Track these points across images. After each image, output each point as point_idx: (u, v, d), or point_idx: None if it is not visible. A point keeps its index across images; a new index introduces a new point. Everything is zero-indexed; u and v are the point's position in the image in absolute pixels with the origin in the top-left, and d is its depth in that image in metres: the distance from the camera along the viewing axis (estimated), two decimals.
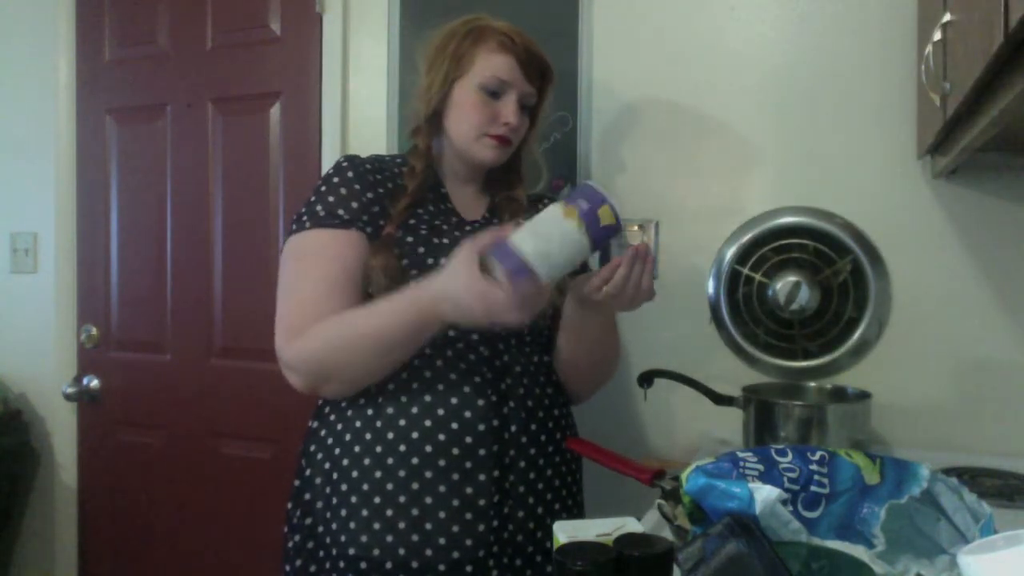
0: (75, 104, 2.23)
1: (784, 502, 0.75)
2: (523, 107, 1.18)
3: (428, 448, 1.06)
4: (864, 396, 1.34)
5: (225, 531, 2.04)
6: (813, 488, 0.77)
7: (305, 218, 1.12)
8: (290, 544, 1.15)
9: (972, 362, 1.48)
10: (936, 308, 1.49)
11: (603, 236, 0.93)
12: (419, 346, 1.05)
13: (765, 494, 0.72)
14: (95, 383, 2.21)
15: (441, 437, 1.06)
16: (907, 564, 0.75)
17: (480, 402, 1.09)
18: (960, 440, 1.46)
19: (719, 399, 1.41)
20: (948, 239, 1.49)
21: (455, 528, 1.05)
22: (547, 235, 0.91)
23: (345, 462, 1.09)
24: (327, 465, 1.11)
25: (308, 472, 1.14)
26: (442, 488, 1.05)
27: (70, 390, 2.18)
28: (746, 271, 1.36)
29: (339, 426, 1.12)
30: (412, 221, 1.13)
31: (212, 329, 2.06)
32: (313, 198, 1.13)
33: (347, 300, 1.07)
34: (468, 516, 1.06)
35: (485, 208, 1.25)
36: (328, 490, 1.10)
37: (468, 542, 1.05)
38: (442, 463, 1.06)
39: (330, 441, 1.12)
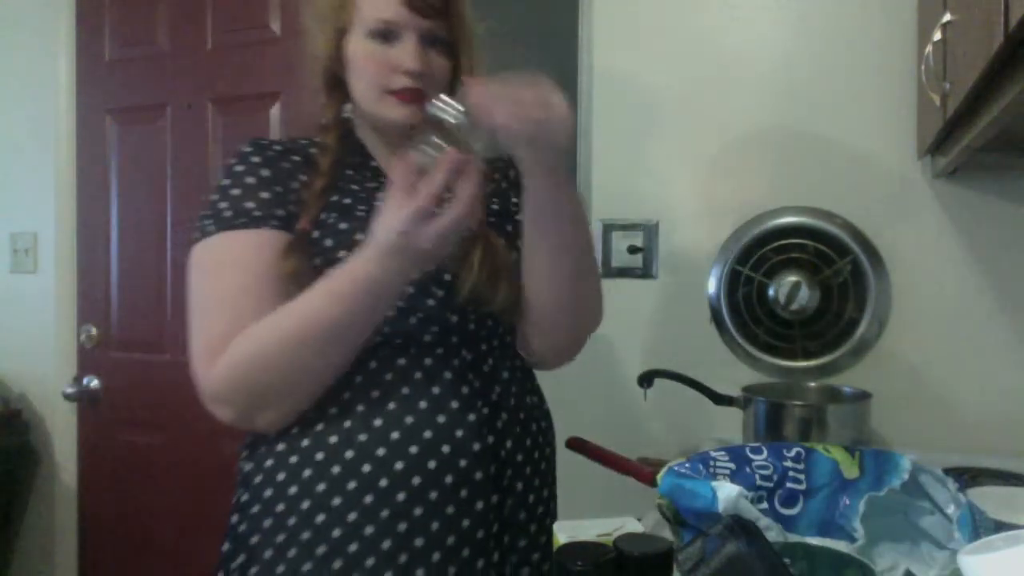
0: (75, 104, 2.23)
1: (759, 499, 0.75)
2: (434, 44, 0.97)
3: (416, 480, 0.89)
4: (864, 396, 1.34)
5: (225, 531, 2.04)
6: (789, 485, 0.77)
7: (209, 221, 0.92)
8: None
9: (972, 362, 1.48)
10: (936, 308, 1.49)
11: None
12: (367, 331, 0.88)
13: (727, 492, 0.72)
14: (95, 383, 2.21)
15: (431, 465, 0.89)
16: (893, 558, 0.75)
17: (471, 417, 0.92)
18: (960, 440, 1.46)
19: (719, 399, 1.41)
20: (948, 239, 1.49)
21: (452, 570, 0.89)
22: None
23: (306, 504, 0.89)
24: (267, 522, 0.92)
25: (243, 528, 0.96)
26: (435, 525, 0.89)
27: (70, 390, 2.18)
28: (746, 271, 1.36)
29: (292, 459, 0.91)
30: (333, 214, 0.94)
31: None
32: (216, 196, 0.94)
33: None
34: (466, 553, 0.90)
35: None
36: (271, 552, 0.90)
37: None
38: (434, 495, 0.89)
39: (270, 491, 0.92)
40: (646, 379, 1.44)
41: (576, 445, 1.31)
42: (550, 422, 1.09)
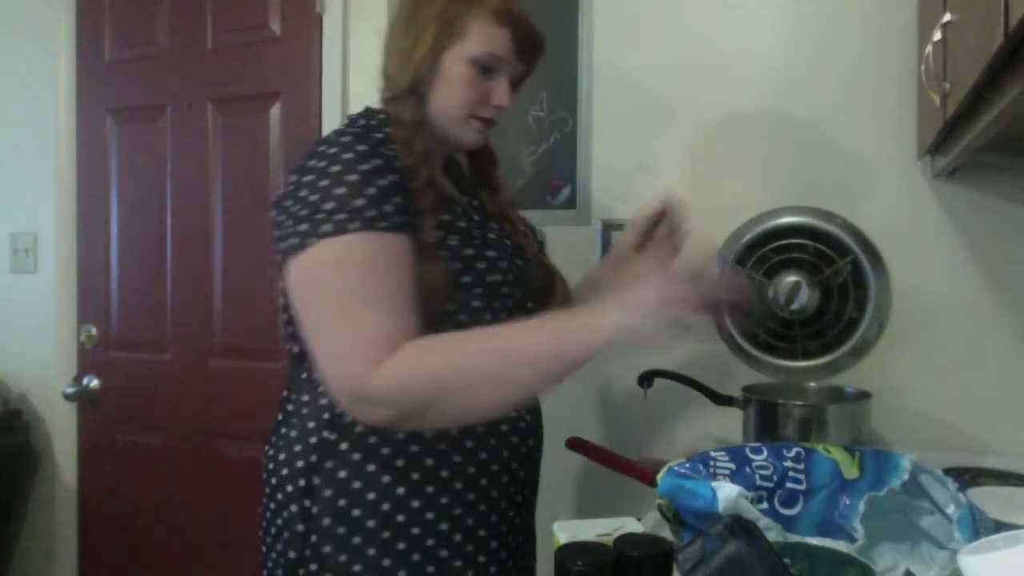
0: (75, 104, 2.23)
1: (760, 499, 0.75)
2: (511, 84, 1.05)
3: (483, 481, 1.01)
4: (864, 396, 1.34)
5: (225, 531, 2.04)
6: (789, 485, 0.77)
7: (343, 216, 0.88)
8: None
9: (972, 362, 1.48)
10: (936, 308, 1.49)
11: None
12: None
13: (727, 492, 0.73)
14: (95, 383, 2.21)
15: (495, 468, 1.03)
16: (893, 558, 0.75)
17: (522, 424, 1.07)
18: (960, 440, 1.46)
19: (719, 399, 1.41)
20: (948, 239, 1.49)
21: (503, 553, 1.05)
22: None
23: (386, 507, 0.96)
24: (357, 511, 0.96)
25: (315, 509, 0.97)
26: (494, 518, 1.03)
27: (70, 390, 2.18)
28: (746, 271, 1.35)
29: (370, 467, 0.97)
30: (455, 237, 0.98)
31: (212, 329, 2.06)
32: (343, 189, 0.89)
33: (418, 323, 0.89)
34: (510, 538, 1.07)
35: (462, 198, 1.11)
36: (355, 539, 0.96)
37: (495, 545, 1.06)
38: (495, 493, 1.03)
39: (344, 500, 0.97)
40: (646, 379, 1.44)
41: (576, 445, 1.31)
42: None
